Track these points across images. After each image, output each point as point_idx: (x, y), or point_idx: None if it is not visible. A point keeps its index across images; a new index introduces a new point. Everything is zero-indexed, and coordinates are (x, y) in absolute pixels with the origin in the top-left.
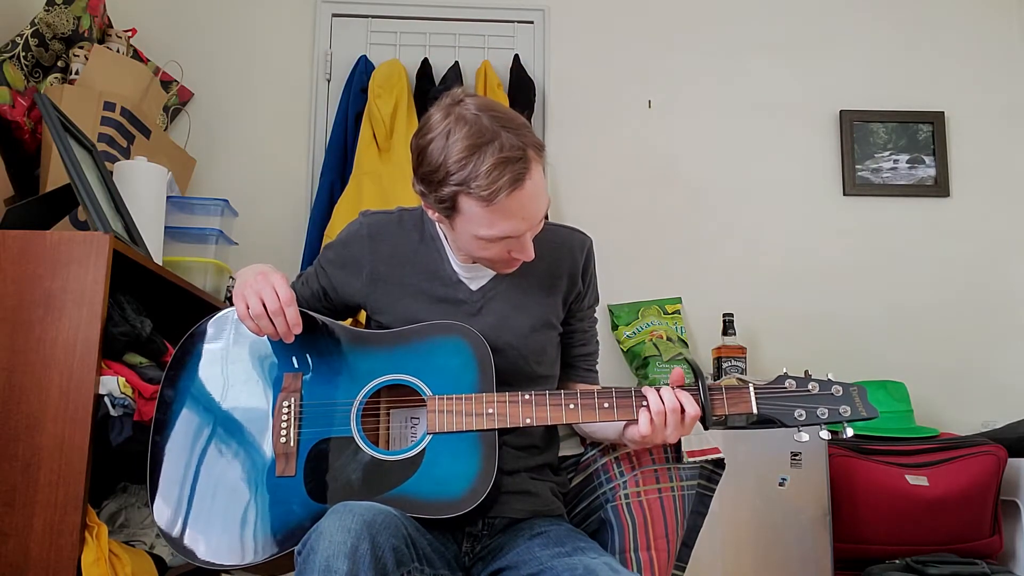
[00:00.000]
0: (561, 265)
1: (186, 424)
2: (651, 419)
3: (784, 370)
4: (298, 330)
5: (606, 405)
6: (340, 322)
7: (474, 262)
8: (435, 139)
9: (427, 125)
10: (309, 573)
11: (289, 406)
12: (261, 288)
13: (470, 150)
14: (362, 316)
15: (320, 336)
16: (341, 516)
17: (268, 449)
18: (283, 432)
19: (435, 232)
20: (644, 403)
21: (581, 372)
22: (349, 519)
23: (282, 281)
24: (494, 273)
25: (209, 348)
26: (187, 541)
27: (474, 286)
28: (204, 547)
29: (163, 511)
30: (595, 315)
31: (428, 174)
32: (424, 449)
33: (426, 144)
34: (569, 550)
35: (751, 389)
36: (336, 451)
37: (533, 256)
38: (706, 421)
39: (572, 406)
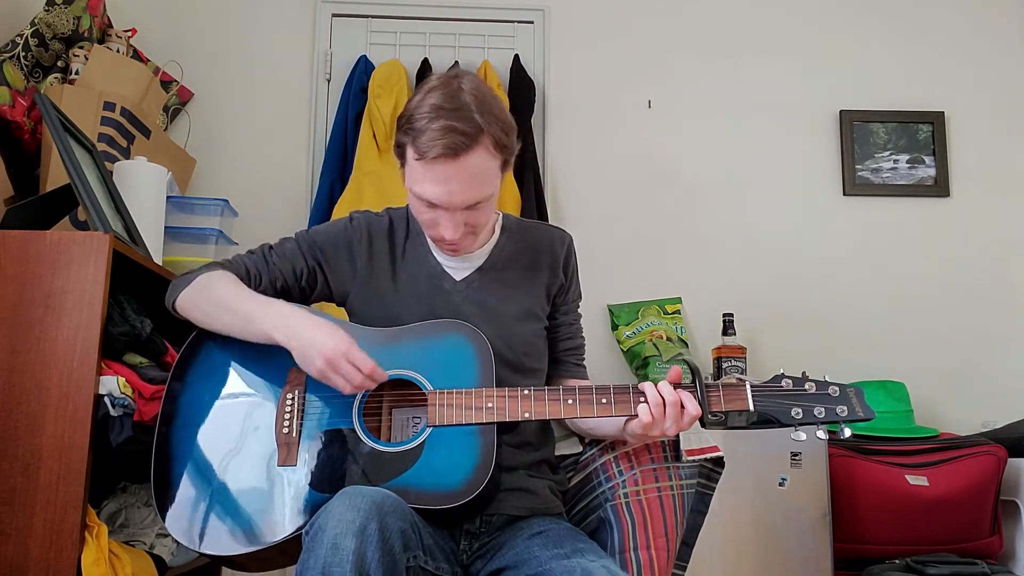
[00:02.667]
0: (542, 259)
1: (192, 416)
2: (651, 411)
3: (781, 370)
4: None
5: (604, 400)
6: (344, 320)
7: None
8: (418, 94)
9: (422, 83)
10: (317, 550)
11: (293, 398)
12: (339, 364)
13: (434, 109)
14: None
15: None
16: (351, 497)
17: (271, 440)
18: (285, 423)
19: (419, 227)
20: (643, 399)
21: (571, 367)
22: (359, 499)
23: (358, 351)
24: (478, 265)
25: (217, 343)
26: (188, 530)
27: (458, 276)
28: (204, 536)
29: (165, 501)
30: (579, 310)
31: (400, 119)
32: (424, 442)
33: (411, 97)
34: (568, 551)
35: (747, 387)
36: (337, 442)
37: (452, 238)
38: (703, 418)
39: (570, 401)
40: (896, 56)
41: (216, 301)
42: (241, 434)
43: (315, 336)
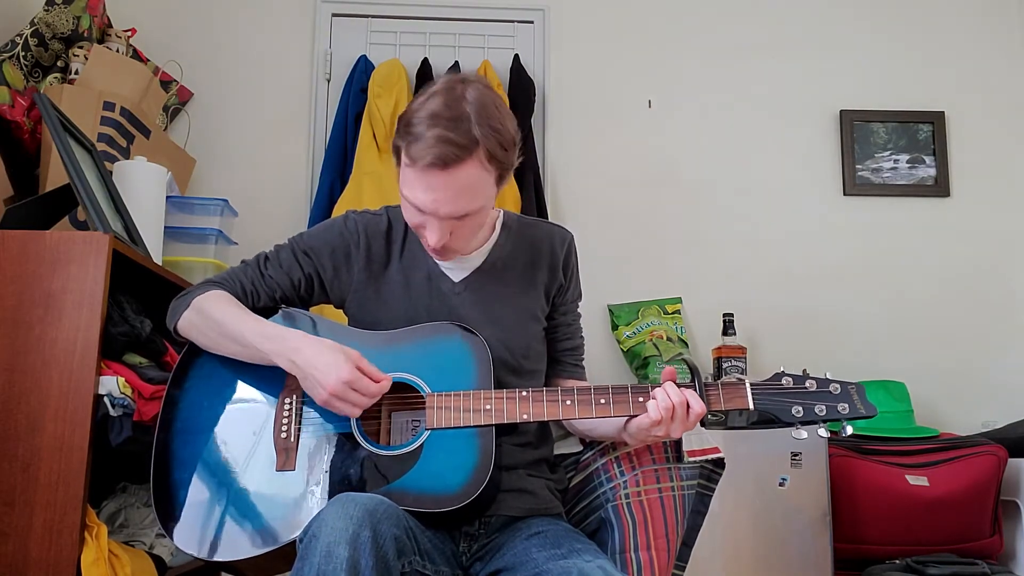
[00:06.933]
0: (542, 259)
1: (190, 422)
2: (659, 409)
3: (781, 368)
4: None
5: (603, 401)
6: (341, 324)
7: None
8: (420, 96)
9: (428, 84)
10: (310, 559)
11: (291, 403)
12: (344, 395)
13: (431, 116)
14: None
15: (322, 337)
16: (343, 504)
17: (269, 445)
18: (284, 428)
19: None
20: (641, 399)
21: (568, 367)
22: (351, 507)
23: (361, 378)
24: (476, 266)
25: None
26: (187, 536)
27: (456, 277)
28: (203, 542)
29: (164, 506)
30: (579, 310)
31: (399, 120)
32: (422, 445)
33: (414, 98)
34: (565, 552)
35: (747, 385)
36: (335, 446)
37: (435, 246)
38: (703, 417)
39: (569, 402)
40: (896, 56)
41: (219, 329)
42: (239, 440)
43: (317, 367)
